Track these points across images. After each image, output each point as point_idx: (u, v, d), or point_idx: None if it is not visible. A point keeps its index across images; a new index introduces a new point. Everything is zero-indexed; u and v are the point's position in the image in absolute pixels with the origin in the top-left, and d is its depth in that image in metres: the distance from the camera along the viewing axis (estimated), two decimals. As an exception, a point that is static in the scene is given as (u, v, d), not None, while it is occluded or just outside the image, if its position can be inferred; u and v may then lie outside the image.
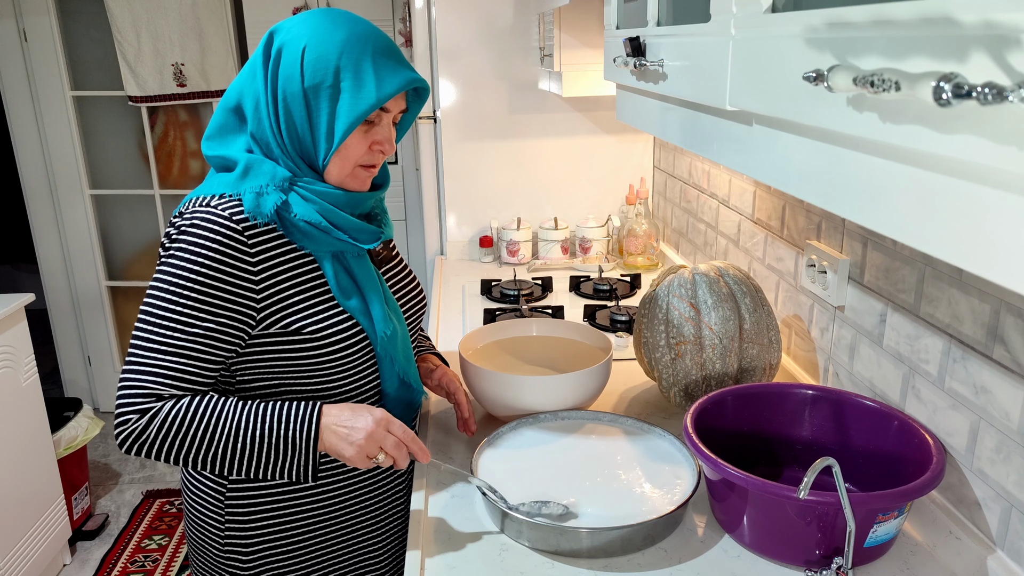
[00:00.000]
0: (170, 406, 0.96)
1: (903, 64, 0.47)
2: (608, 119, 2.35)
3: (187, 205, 1.03)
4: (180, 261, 0.98)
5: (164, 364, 0.97)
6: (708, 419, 1.10)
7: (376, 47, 1.01)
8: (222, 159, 1.05)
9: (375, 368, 1.12)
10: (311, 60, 0.99)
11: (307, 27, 1.01)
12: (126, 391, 0.96)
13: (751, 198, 1.61)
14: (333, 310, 1.06)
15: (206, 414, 0.96)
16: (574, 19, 1.86)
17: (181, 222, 1.01)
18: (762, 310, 1.27)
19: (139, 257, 3.44)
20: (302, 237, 1.03)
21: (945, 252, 0.48)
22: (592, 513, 1.02)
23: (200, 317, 0.98)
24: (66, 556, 2.54)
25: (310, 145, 1.03)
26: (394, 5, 3.07)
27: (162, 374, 0.97)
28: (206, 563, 1.16)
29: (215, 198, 1.02)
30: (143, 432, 0.95)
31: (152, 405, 0.96)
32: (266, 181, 1.01)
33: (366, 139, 1.04)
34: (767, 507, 0.94)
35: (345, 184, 1.06)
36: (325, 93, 0.99)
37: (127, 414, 0.96)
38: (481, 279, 2.15)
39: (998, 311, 0.89)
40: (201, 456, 0.97)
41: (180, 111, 3.23)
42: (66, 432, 2.50)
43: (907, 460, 1.00)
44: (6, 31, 3.10)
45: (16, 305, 2.22)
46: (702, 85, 0.85)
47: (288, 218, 1.01)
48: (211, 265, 0.98)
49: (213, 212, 1.00)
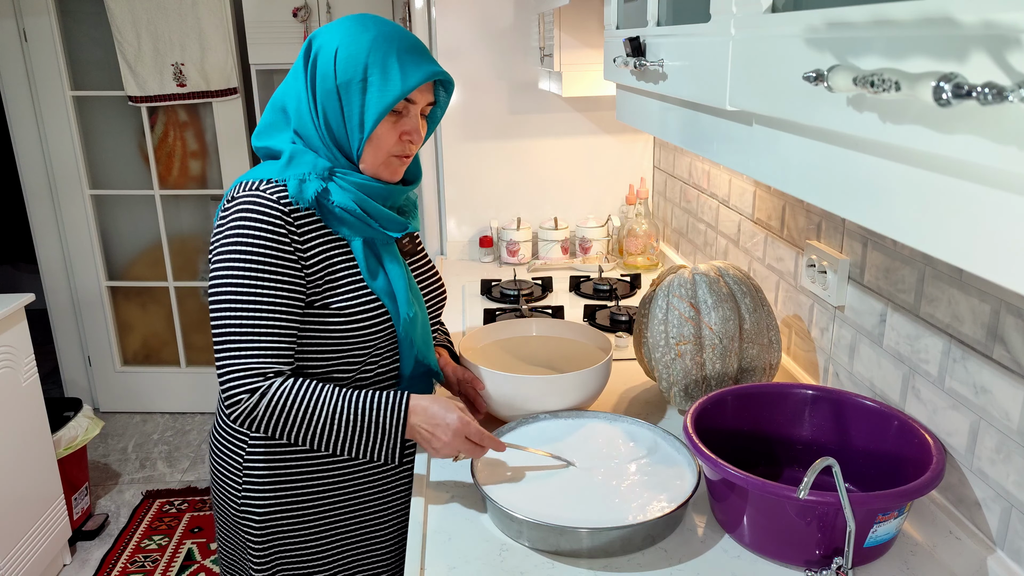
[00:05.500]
0: (276, 387, 1.06)
1: (903, 64, 0.47)
2: (608, 119, 2.35)
3: (237, 188, 1.12)
4: (242, 244, 1.07)
5: (259, 343, 1.06)
6: (708, 419, 1.10)
7: (402, 44, 1.10)
8: (268, 149, 1.16)
9: (395, 348, 1.21)
10: (343, 59, 1.09)
11: (340, 31, 1.11)
12: (232, 373, 1.06)
13: (751, 198, 1.61)
14: (361, 290, 1.14)
15: (306, 398, 1.06)
16: (574, 19, 1.86)
17: (233, 205, 1.09)
18: (762, 310, 1.27)
19: (139, 257, 3.44)
20: (337, 222, 1.13)
21: (945, 252, 0.48)
22: (592, 513, 1.02)
23: (276, 293, 1.08)
24: (66, 556, 2.54)
25: (344, 137, 1.12)
26: (394, 5, 3.07)
27: (260, 352, 1.06)
28: (225, 521, 1.26)
29: (262, 183, 1.11)
30: (253, 410, 1.05)
31: (259, 384, 1.06)
32: (308, 169, 1.10)
33: (395, 129, 1.13)
34: (767, 507, 0.94)
35: (379, 173, 1.15)
36: (356, 87, 1.09)
37: (238, 394, 1.05)
38: (481, 279, 2.15)
39: (998, 311, 0.89)
40: (302, 435, 1.08)
41: (180, 111, 3.23)
42: (66, 432, 2.49)
43: (907, 460, 1.00)
44: (6, 31, 3.10)
45: (16, 305, 2.22)
46: (702, 85, 0.85)
47: (326, 204, 1.11)
48: (270, 244, 1.07)
49: (261, 196, 1.09)
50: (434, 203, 2.46)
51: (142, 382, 3.52)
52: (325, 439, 1.08)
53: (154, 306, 3.49)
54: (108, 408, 3.57)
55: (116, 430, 3.41)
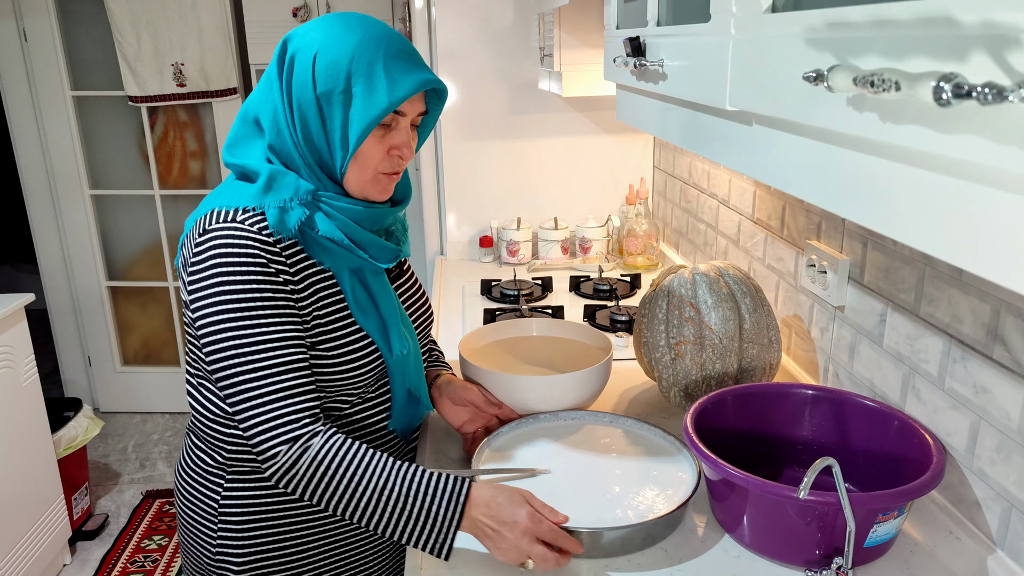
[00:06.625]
0: (321, 443, 0.94)
1: (903, 64, 0.47)
2: (608, 119, 2.35)
3: (209, 218, 0.99)
4: (236, 282, 0.95)
5: (282, 386, 0.95)
6: (708, 419, 1.10)
7: (389, 49, 0.98)
8: (241, 168, 1.02)
9: (386, 383, 1.12)
10: (323, 66, 0.96)
11: (320, 32, 0.98)
12: (261, 425, 0.94)
13: (751, 198, 1.61)
14: (350, 327, 1.05)
15: (353, 463, 0.94)
16: (574, 19, 1.86)
17: (210, 240, 0.96)
18: (762, 310, 1.27)
19: (139, 257, 3.44)
20: (322, 252, 1.01)
21: (945, 252, 0.48)
22: (592, 514, 1.02)
23: (284, 332, 0.96)
24: (66, 556, 2.54)
25: (327, 153, 1.00)
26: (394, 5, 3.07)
27: (287, 395, 0.95)
28: (198, 567, 1.14)
29: (238, 212, 0.98)
30: (294, 466, 0.93)
31: (297, 432, 0.94)
32: (289, 195, 0.98)
33: (383, 144, 1.01)
34: (767, 507, 0.94)
35: (367, 193, 1.04)
36: (337, 99, 0.97)
37: (275, 446, 0.94)
38: (481, 279, 2.15)
39: (998, 311, 0.89)
40: (342, 506, 0.94)
41: (180, 111, 3.23)
42: (66, 432, 2.49)
43: (907, 460, 1.00)
44: (6, 31, 3.10)
45: (16, 305, 2.22)
46: (702, 85, 0.85)
47: (309, 233, 1.00)
48: (267, 280, 0.96)
49: (244, 230, 0.96)
50: (434, 203, 2.46)
51: (142, 382, 3.52)
52: (368, 514, 0.94)
53: (154, 306, 3.49)
54: (108, 408, 3.57)
55: (116, 430, 3.41)
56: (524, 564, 0.92)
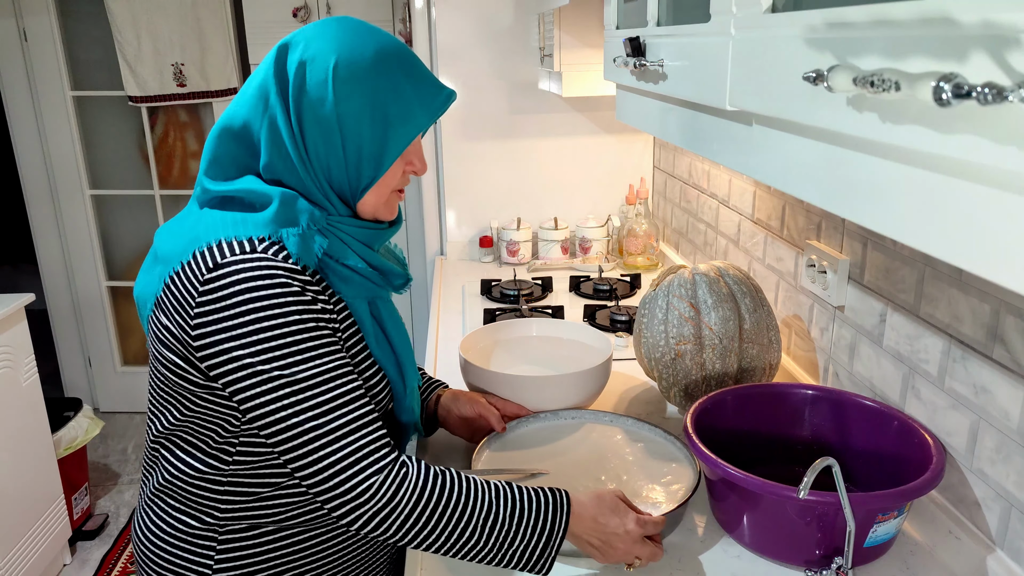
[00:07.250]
0: (416, 468, 0.87)
1: (903, 64, 0.47)
2: (608, 119, 2.35)
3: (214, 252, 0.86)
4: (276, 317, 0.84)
5: (355, 415, 0.86)
6: (708, 419, 1.10)
7: (407, 63, 0.92)
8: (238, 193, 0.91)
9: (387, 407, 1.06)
10: (345, 79, 0.88)
11: (331, 40, 0.89)
12: (343, 462, 0.84)
13: (751, 198, 1.61)
14: (365, 361, 0.98)
15: (456, 485, 0.87)
16: (574, 19, 1.86)
17: (231, 276, 0.84)
18: (762, 310, 1.27)
19: (140, 258, 3.44)
20: (340, 282, 0.93)
21: (945, 252, 0.48)
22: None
23: (339, 361, 0.88)
24: (66, 556, 2.54)
25: (343, 175, 0.92)
26: (394, 5, 3.07)
27: (362, 425, 0.86)
28: None
29: (254, 242, 0.87)
30: (393, 497, 0.85)
31: (387, 460, 0.86)
32: (306, 222, 0.90)
33: (402, 162, 0.96)
34: (767, 507, 0.94)
35: (379, 214, 0.98)
36: (366, 116, 0.89)
37: (366, 479, 0.84)
38: (481, 279, 2.15)
39: (998, 311, 0.89)
40: (446, 535, 0.86)
41: (180, 111, 3.23)
42: (66, 432, 2.49)
43: (907, 460, 1.00)
44: (6, 31, 3.10)
45: (16, 305, 2.22)
46: (702, 85, 0.85)
47: (328, 262, 0.92)
48: (308, 311, 0.87)
49: (270, 259, 0.86)
50: (434, 203, 2.46)
51: (142, 382, 3.52)
52: (472, 542, 0.87)
53: (154, 306, 3.49)
54: (108, 408, 3.57)
55: (116, 430, 3.41)
56: (631, 565, 0.93)
